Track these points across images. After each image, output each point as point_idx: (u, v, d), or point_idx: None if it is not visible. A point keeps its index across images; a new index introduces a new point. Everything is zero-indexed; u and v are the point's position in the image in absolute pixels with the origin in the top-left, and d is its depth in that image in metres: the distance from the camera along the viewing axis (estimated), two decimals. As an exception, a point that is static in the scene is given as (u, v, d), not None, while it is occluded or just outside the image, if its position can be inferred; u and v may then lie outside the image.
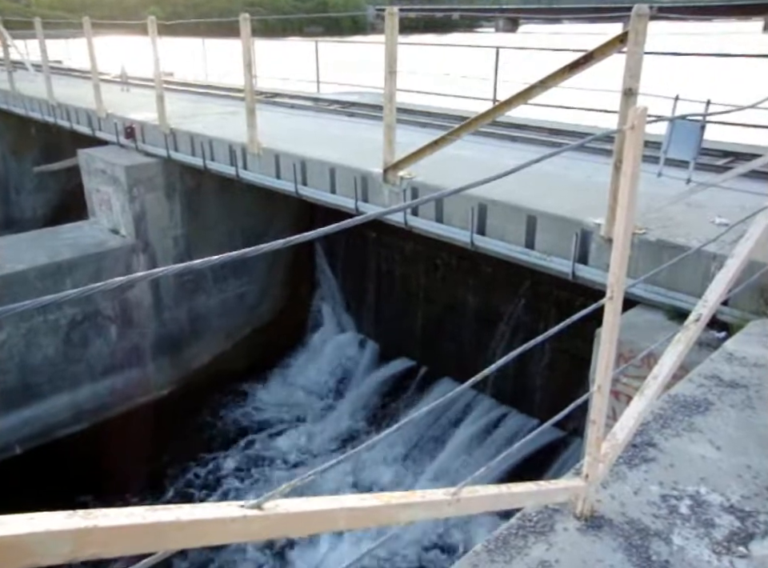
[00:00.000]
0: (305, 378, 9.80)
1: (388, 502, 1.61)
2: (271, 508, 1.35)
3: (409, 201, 5.97)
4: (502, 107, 5.18)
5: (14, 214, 14.89)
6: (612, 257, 1.95)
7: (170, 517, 1.17)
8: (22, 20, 16.72)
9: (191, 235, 9.32)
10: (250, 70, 7.28)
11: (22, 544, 0.99)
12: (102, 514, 1.11)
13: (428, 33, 65.29)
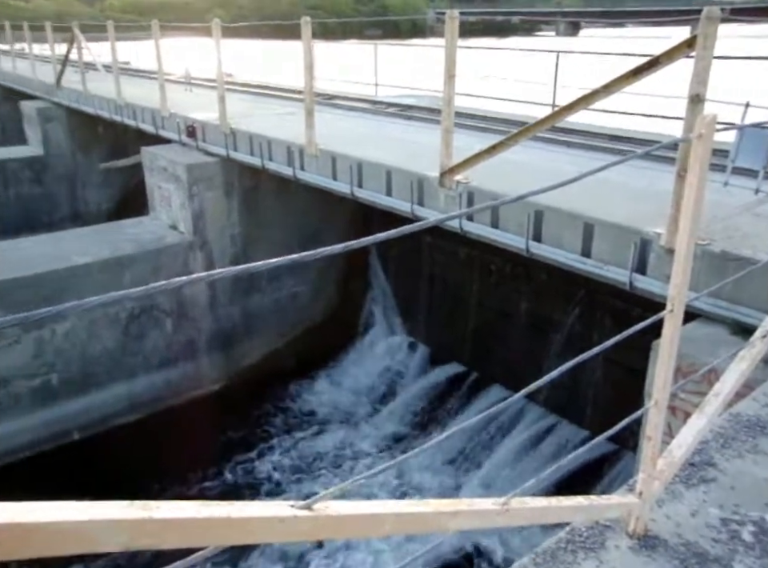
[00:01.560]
0: (354, 379, 9.84)
1: (436, 508, 1.59)
2: (321, 509, 1.35)
3: (464, 205, 5.94)
4: (563, 113, 5.11)
5: (80, 207, 15.42)
6: (674, 268, 1.89)
7: (221, 513, 1.19)
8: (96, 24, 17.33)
9: (248, 234, 9.48)
10: (310, 72, 7.36)
11: (83, 530, 1.02)
12: (158, 506, 1.13)
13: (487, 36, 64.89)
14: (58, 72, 14.64)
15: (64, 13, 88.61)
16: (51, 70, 15.30)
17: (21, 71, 17.25)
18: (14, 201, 14.77)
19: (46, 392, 8.31)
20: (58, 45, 15.68)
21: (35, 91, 16.15)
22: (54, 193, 15.20)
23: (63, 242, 9.04)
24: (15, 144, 17.14)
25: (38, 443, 8.35)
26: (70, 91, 14.30)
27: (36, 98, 16.01)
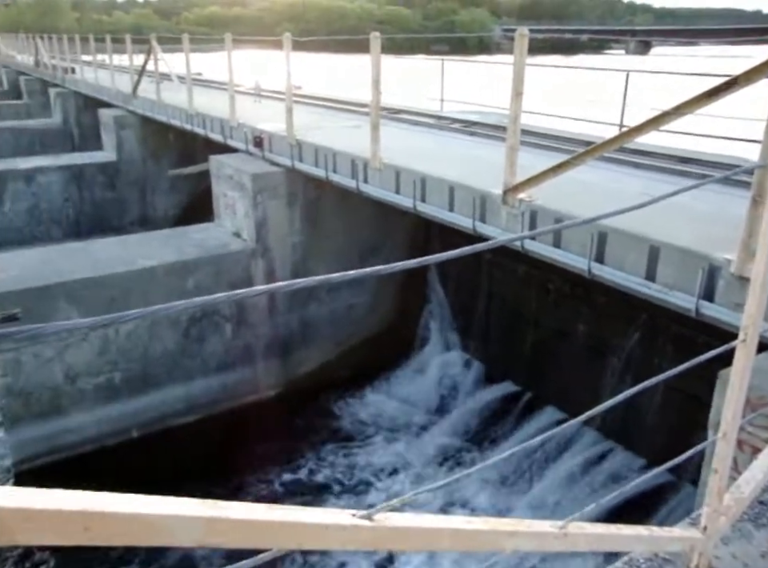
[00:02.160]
0: (408, 392, 9.84)
1: (494, 527, 1.59)
2: (381, 520, 1.37)
3: (527, 224, 5.90)
4: (632, 133, 5.03)
5: (148, 212, 15.97)
6: (749, 297, 1.84)
7: (288, 517, 1.22)
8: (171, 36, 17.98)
9: (308, 243, 9.63)
10: (377, 87, 7.45)
11: (162, 523, 1.07)
12: (229, 506, 1.17)
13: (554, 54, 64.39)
14: (134, 82, 15.23)
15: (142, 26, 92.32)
16: (129, 80, 15.93)
17: (101, 81, 18.00)
18: (88, 204, 15.42)
19: (109, 389, 8.60)
20: (136, 56, 16.32)
21: (113, 100, 16.83)
22: (125, 197, 15.80)
23: (131, 246, 9.36)
24: (92, 150, 17.91)
25: (99, 438, 8.63)
26: (145, 100, 14.85)
27: (113, 106, 16.69)
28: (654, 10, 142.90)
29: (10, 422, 8.21)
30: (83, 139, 19.83)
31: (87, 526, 1.00)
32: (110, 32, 21.03)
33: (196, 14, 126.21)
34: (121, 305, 8.29)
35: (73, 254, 9.08)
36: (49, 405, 8.32)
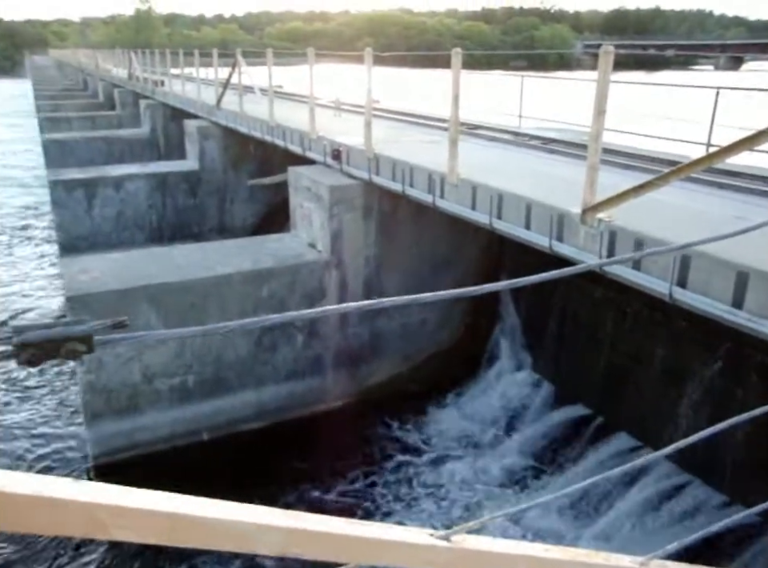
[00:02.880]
0: (476, 409, 9.73)
1: (573, 557, 1.55)
2: (458, 541, 1.36)
3: (605, 244, 5.76)
4: (722, 154, 4.84)
5: (227, 220, 16.46)
6: None
7: (366, 533, 1.22)
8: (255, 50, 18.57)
9: (382, 256, 9.69)
10: (456, 102, 7.45)
11: (243, 530, 1.09)
12: (309, 518, 1.18)
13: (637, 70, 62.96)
14: (219, 94, 15.76)
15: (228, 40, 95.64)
16: (213, 92, 16.50)
17: (188, 93, 18.72)
18: (170, 210, 16.03)
19: (183, 391, 8.86)
20: (221, 69, 16.90)
21: (198, 111, 17.46)
22: (206, 205, 16.33)
23: (210, 252, 9.65)
24: (176, 159, 18.63)
25: (172, 438, 8.90)
26: (228, 112, 15.33)
27: (198, 117, 17.31)
28: (749, 22, 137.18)
29: (91, 417, 8.56)
30: (169, 148, 20.65)
31: (174, 526, 1.03)
32: (197, 47, 21.88)
33: (279, 28, 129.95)
34: (199, 310, 8.55)
35: (155, 258, 9.43)
36: (127, 403, 8.64)
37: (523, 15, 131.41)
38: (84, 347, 0.87)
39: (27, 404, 10.31)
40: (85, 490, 0.96)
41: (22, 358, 0.86)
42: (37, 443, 9.36)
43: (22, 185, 27.40)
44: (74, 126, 24.19)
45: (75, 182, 15.44)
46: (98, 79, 34.88)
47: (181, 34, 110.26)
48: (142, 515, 0.97)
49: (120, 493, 0.98)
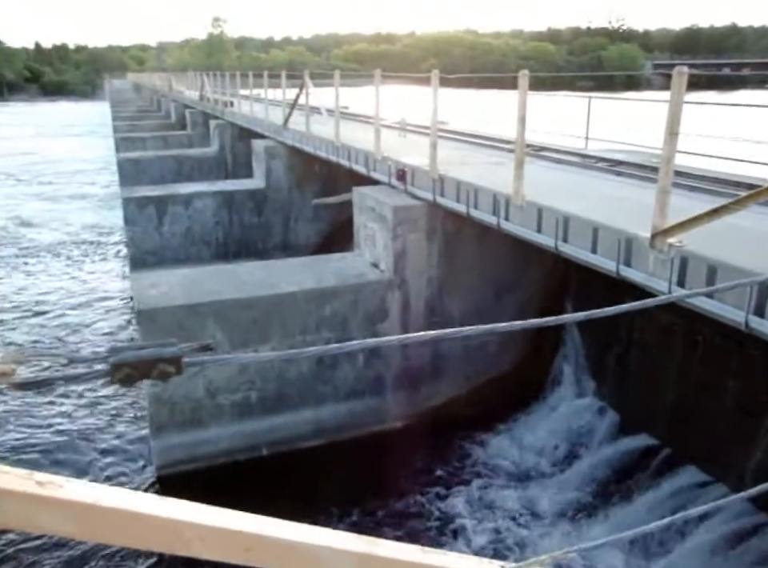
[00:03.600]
0: (536, 436, 9.53)
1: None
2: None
3: (676, 270, 5.60)
4: (803, 179, 4.66)
5: (290, 238, 16.75)
6: None
7: (440, 562, 1.21)
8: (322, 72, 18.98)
9: (444, 278, 9.66)
10: (522, 124, 7.42)
11: (316, 554, 1.09)
12: (382, 544, 1.18)
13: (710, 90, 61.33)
14: (286, 114, 16.13)
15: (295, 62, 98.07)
16: (280, 112, 16.90)
17: (256, 113, 19.23)
18: (236, 227, 16.43)
19: (245, 407, 9.00)
20: (289, 90, 17.32)
21: (265, 131, 17.91)
22: (270, 223, 16.67)
23: (274, 270, 9.82)
24: (243, 177, 19.12)
25: (232, 452, 9.04)
26: (294, 132, 15.67)
27: (265, 137, 17.75)
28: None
29: (156, 429, 8.78)
30: (236, 167, 21.22)
31: (249, 546, 1.04)
32: (266, 68, 22.49)
33: (345, 50, 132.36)
34: (262, 326, 8.70)
35: (221, 275, 9.66)
36: (190, 416, 8.83)
37: (590, 35, 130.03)
38: (173, 369, 0.90)
39: (99, 413, 10.65)
40: (170, 507, 0.99)
41: (116, 377, 0.89)
42: (106, 451, 9.66)
43: (98, 201, 28.61)
44: (148, 145, 25.15)
45: (147, 199, 16.01)
46: (171, 101, 36.25)
47: (250, 57, 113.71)
48: (223, 534, 0.99)
49: (203, 511, 1.00)
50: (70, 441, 9.92)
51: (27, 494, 0.90)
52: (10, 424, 10.26)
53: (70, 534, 0.93)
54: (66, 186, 32.80)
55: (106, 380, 0.90)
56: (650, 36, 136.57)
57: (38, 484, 0.92)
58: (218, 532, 1.02)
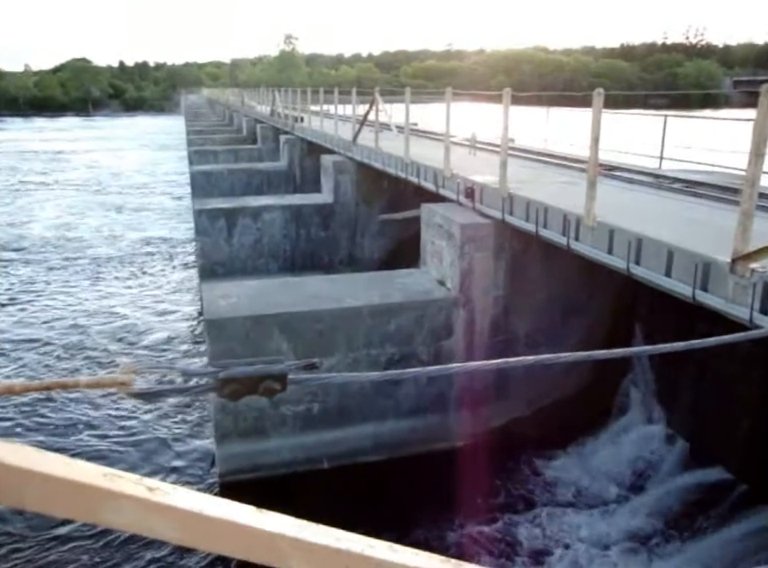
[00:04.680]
0: (601, 462, 9.26)
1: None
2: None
3: (758, 296, 5.38)
4: None
5: (356, 253, 16.91)
6: None
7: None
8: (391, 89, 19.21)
9: (511, 297, 9.56)
10: (596, 144, 7.31)
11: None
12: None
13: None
14: (355, 130, 16.34)
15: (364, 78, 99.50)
16: (349, 128, 17.14)
17: (325, 129, 19.56)
18: (303, 241, 16.70)
19: (307, 419, 9.08)
20: (358, 106, 17.57)
21: (334, 147, 18.19)
22: (337, 237, 16.88)
23: (340, 284, 9.92)
24: (310, 191, 19.46)
25: (293, 464, 9.13)
26: (363, 148, 15.85)
27: (334, 152, 18.02)
28: None
29: (221, 437, 8.96)
30: (304, 181, 21.60)
31: (348, 564, 1.05)
32: (335, 85, 22.88)
33: (414, 67, 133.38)
34: (327, 340, 8.79)
35: (288, 287, 9.82)
36: (253, 426, 8.97)
37: (666, 51, 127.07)
38: (279, 386, 0.92)
39: (170, 419, 10.95)
40: (270, 520, 1.01)
41: (224, 391, 0.92)
42: (173, 455, 9.91)
43: (170, 213, 29.59)
44: (219, 158, 25.90)
45: (218, 211, 16.45)
46: (243, 116, 37.27)
47: (320, 73, 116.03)
48: (323, 551, 1.00)
49: (304, 527, 1.02)
50: (141, 443, 10.23)
51: (140, 499, 0.94)
52: (85, 426, 10.67)
53: (175, 540, 0.96)
54: (140, 197, 34.07)
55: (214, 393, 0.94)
56: (731, 51, 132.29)
57: (148, 489, 0.95)
58: (317, 548, 1.04)
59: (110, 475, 0.97)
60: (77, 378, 0.94)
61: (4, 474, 0.93)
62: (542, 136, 14.27)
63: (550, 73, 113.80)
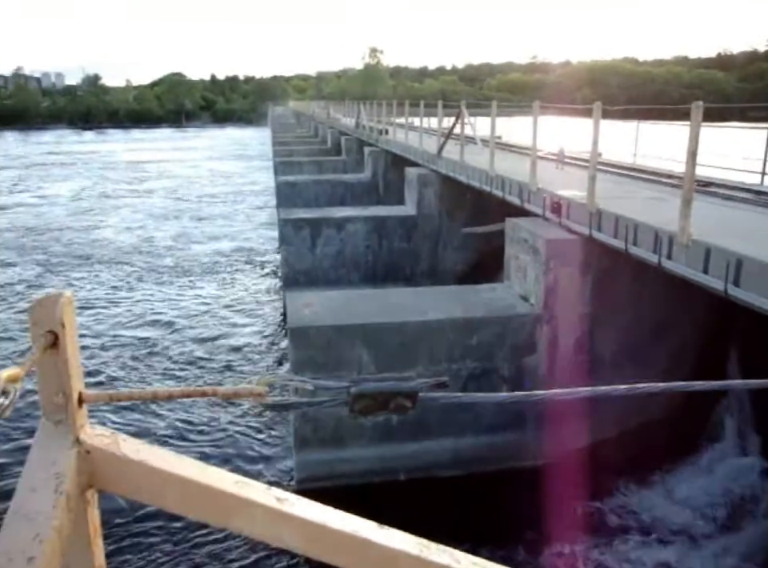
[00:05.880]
0: (689, 493, 8.81)
1: None
2: None
3: None
4: None
5: (437, 266, 16.89)
6: None
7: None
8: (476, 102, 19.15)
9: (596, 315, 9.31)
10: (693, 159, 7.05)
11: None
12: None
13: None
14: (440, 143, 16.37)
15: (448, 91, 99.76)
16: (434, 141, 17.18)
17: (410, 142, 19.68)
18: (385, 252, 16.81)
19: (386, 430, 9.11)
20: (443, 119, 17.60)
21: (418, 159, 18.26)
22: (418, 250, 16.91)
23: (423, 297, 9.93)
24: (393, 203, 19.59)
25: (369, 474, 9.17)
26: (448, 161, 15.84)
27: (418, 165, 18.09)
28: None
29: (299, 443, 9.10)
30: (387, 193, 21.76)
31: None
32: (419, 97, 22.97)
33: (499, 79, 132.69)
34: (409, 351, 8.81)
35: (371, 298, 9.91)
36: (332, 434, 9.07)
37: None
38: (409, 403, 0.93)
39: (248, 423, 11.23)
40: (389, 535, 1.02)
41: (355, 407, 0.93)
42: (250, 460, 10.14)
43: (254, 221, 30.45)
44: (304, 169, 26.42)
45: (302, 221, 16.78)
46: (328, 127, 37.97)
47: (404, 86, 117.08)
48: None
49: (423, 545, 1.02)
50: (219, 445, 10.53)
51: (270, 508, 0.97)
52: (163, 427, 11.07)
53: (301, 551, 0.99)
54: (226, 206, 35.26)
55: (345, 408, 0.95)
56: None
57: (277, 500, 0.98)
58: (432, 566, 1.04)
59: (240, 482, 1.01)
60: (215, 386, 0.98)
61: (149, 475, 0.98)
62: (630, 150, 13.90)
63: (637, 85, 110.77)
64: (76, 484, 0.99)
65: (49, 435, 1.04)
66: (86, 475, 1.01)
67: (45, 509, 0.92)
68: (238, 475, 1.06)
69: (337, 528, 0.98)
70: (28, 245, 25.64)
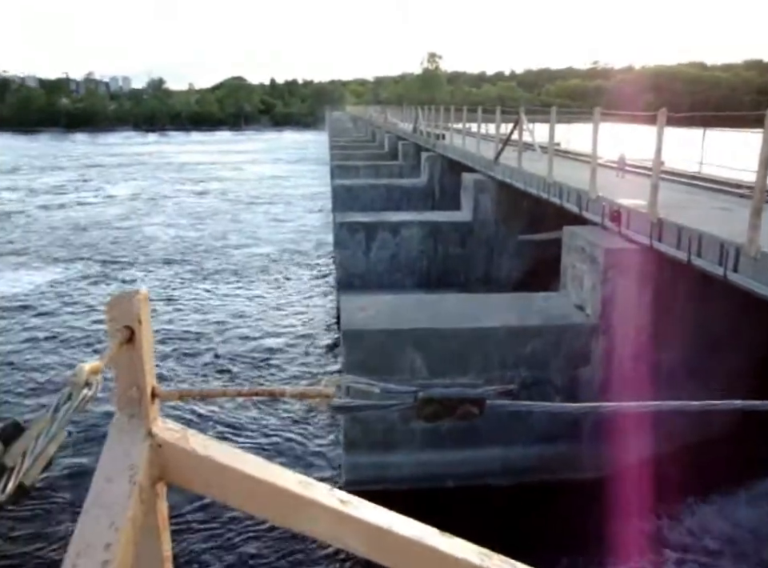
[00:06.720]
0: (750, 517, 8.44)
1: None
2: None
3: None
4: None
5: (492, 272, 16.75)
6: None
7: None
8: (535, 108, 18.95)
9: (655, 327, 9.07)
10: (765, 167, 6.81)
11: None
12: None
13: None
14: (497, 150, 16.25)
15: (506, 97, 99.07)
16: (491, 147, 17.07)
17: (467, 147, 19.60)
18: (440, 258, 16.77)
19: (435, 436, 9.08)
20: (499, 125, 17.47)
21: (475, 165, 18.17)
22: (473, 256, 16.80)
23: (477, 303, 9.88)
24: (448, 209, 19.54)
25: (417, 479, 9.15)
26: (505, 167, 15.71)
27: (474, 170, 18.00)
28: None
29: (349, 445, 9.15)
30: (442, 199, 21.72)
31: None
32: (477, 103, 22.86)
33: (558, 85, 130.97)
34: (462, 358, 8.76)
35: (425, 304, 9.90)
36: (382, 438, 9.08)
37: None
38: (476, 410, 0.93)
39: (298, 423, 11.35)
40: (453, 543, 1.01)
41: (422, 412, 0.93)
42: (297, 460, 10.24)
43: (311, 224, 30.78)
44: (360, 173, 26.59)
45: (358, 224, 16.89)
46: (385, 132, 38.14)
47: (462, 91, 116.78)
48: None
49: (484, 554, 1.02)
50: (267, 444, 10.66)
51: (333, 510, 0.98)
52: (211, 425, 11.27)
53: (363, 553, 0.99)
54: (283, 208, 35.78)
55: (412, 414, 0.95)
56: None
57: (341, 502, 0.99)
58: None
59: (303, 482, 1.02)
60: (283, 387, 1.00)
61: (216, 471, 1.00)
62: (694, 158, 13.52)
63: (703, 91, 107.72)
64: (148, 476, 1.02)
65: (122, 428, 1.07)
66: (157, 468, 1.04)
67: (120, 498, 0.96)
68: (300, 474, 1.07)
69: (400, 533, 0.98)
70: (85, 242, 26.54)
